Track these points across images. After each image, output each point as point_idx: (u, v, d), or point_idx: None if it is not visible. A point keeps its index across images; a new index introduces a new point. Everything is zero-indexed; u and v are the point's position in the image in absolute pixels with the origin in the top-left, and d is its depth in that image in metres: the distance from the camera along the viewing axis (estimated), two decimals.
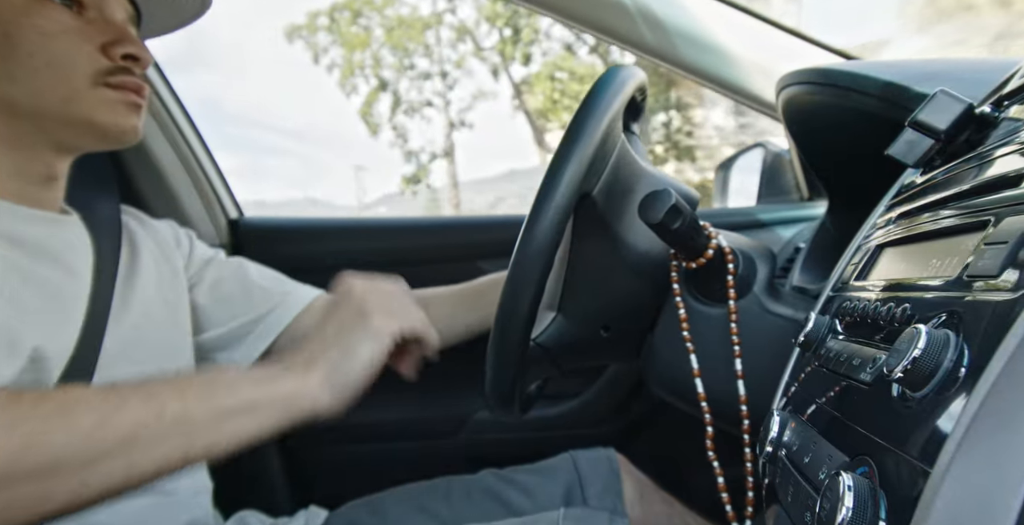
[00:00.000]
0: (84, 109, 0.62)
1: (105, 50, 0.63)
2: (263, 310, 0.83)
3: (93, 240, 0.70)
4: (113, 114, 0.64)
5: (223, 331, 0.82)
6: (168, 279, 0.78)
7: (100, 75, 0.63)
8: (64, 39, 0.61)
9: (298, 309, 0.84)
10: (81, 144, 0.67)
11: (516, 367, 0.54)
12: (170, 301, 0.77)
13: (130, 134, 0.66)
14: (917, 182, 0.46)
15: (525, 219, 0.50)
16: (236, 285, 0.85)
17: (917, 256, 0.38)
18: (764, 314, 0.60)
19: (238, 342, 0.83)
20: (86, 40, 0.62)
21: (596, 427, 1.13)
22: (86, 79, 0.62)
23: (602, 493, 0.79)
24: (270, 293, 0.85)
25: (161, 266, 0.78)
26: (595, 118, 0.53)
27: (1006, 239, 0.28)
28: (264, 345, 0.82)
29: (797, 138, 0.82)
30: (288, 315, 0.83)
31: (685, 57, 0.95)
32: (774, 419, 0.42)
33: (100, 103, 0.63)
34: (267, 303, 0.84)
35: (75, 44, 0.62)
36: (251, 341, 0.83)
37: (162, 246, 0.81)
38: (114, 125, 0.64)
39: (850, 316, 0.40)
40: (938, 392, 0.26)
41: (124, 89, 0.64)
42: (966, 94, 0.42)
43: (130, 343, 0.69)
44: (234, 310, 0.83)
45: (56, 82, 0.61)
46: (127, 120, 0.65)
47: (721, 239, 0.60)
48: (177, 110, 1.08)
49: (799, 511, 0.35)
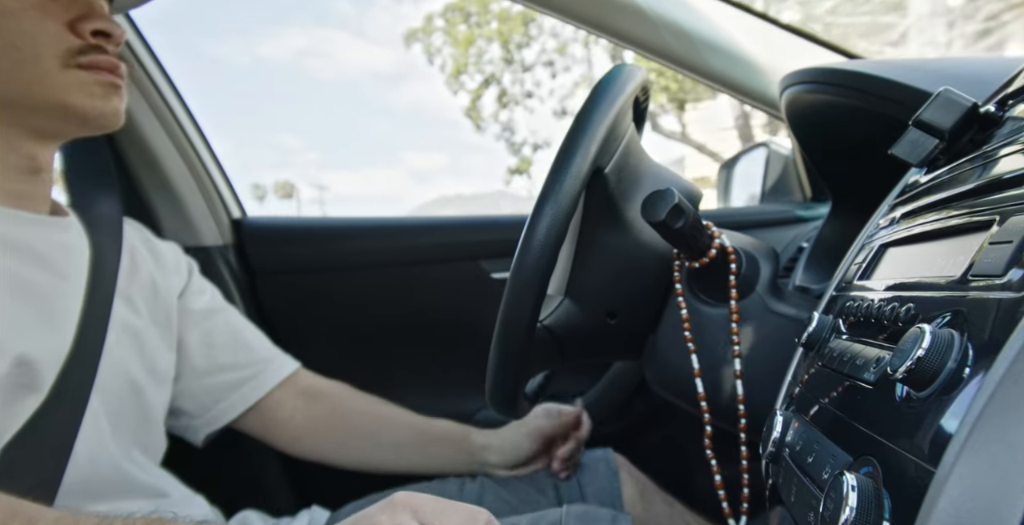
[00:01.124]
0: (56, 93, 0.58)
1: (73, 27, 0.59)
2: (244, 375, 0.81)
3: (91, 241, 0.68)
4: (88, 97, 0.59)
5: (198, 385, 0.80)
6: (163, 300, 0.76)
7: (70, 55, 0.58)
8: (27, 17, 0.56)
9: (275, 382, 0.83)
10: (60, 130, 0.62)
11: (519, 366, 0.54)
12: (160, 323, 0.75)
13: (110, 117, 0.61)
14: (921, 181, 0.46)
15: (535, 202, 0.50)
16: (226, 333, 0.82)
17: (921, 256, 0.38)
18: (767, 314, 0.60)
19: (211, 405, 0.80)
20: (51, 17, 0.58)
21: (598, 427, 1.13)
22: (55, 60, 0.57)
23: (599, 493, 0.79)
24: (254, 356, 0.83)
25: (157, 285, 0.76)
26: (610, 94, 0.53)
27: (1011, 238, 0.28)
28: (231, 417, 0.81)
29: (800, 137, 0.82)
30: (264, 386, 0.82)
31: (688, 57, 0.95)
32: (777, 419, 0.41)
33: (72, 85, 0.58)
34: (249, 367, 0.82)
35: (39, 22, 0.57)
36: (222, 408, 0.81)
37: (161, 266, 0.79)
38: (91, 108, 0.60)
39: (853, 316, 0.40)
40: (942, 392, 0.26)
41: (97, 69, 0.60)
42: (970, 93, 0.42)
43: (127, 356, 0.68)
44: (217, 360, 0.81)
45: (22, 65, 0.56)
46: (105, 103, 0.60)
47: (724, 238, 0.60)
48: (180, 108, 1.08)
49: (802, 511, 0.35)
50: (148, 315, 0.74)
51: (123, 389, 0.67)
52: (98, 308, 0.64)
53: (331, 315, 1.16)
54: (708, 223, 0.59)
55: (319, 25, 78.29)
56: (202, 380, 0.80)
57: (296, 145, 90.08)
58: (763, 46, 0.96)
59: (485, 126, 14.97)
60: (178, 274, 0.81)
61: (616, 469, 0.82)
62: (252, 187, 46.73)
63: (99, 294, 0.65)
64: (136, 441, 0.69)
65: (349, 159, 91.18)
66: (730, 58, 0.95)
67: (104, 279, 0.67)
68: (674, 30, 0.93)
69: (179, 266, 0.82)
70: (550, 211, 0.49)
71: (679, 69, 0.97)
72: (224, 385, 0.81)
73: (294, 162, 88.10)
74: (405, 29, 15.05)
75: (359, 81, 76.28)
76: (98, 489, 0.62)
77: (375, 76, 13.03)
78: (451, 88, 14.77)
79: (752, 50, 0.95)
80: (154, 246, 0.80)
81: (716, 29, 0.95)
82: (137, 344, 0.70)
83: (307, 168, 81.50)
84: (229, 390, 0.81)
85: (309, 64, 70.90)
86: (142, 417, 0.70)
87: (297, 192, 34.36)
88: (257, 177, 79.97)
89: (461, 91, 14.87)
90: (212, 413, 0.81)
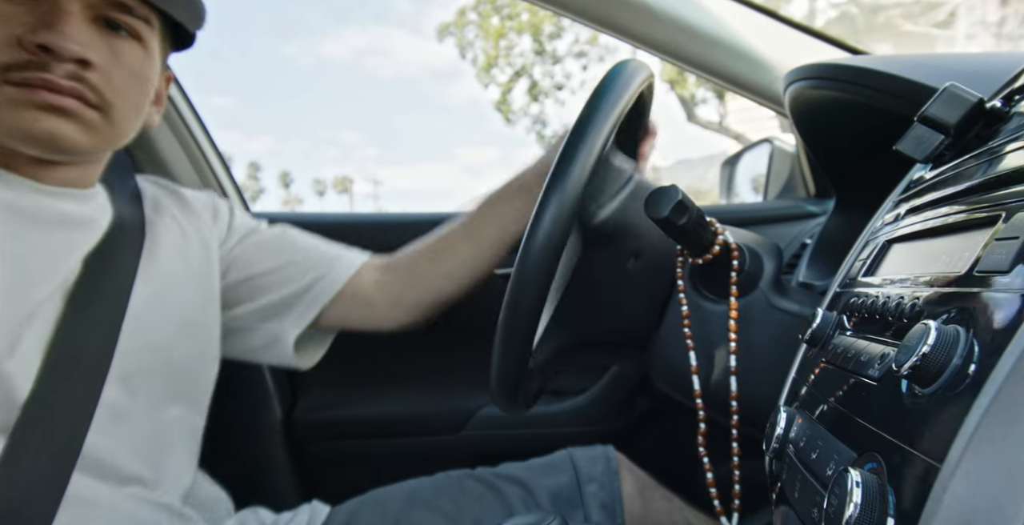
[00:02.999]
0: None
1: (20, 39, 0.54)
2: (310, 279, 0.82)
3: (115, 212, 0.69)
4: (16, 116, 0.55)
5: (266, 302, 0.81)
6: (197, 252, 0.77)
7: (5, 70, 0.54)
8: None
9: (347, 275, 0.83)
10: (14, 150, 0.58)
11: (521, 362, 0.54)
12: (197, 274, 0.76)
13: (44, 140, 0.57)
14: (926, 177, 0.46)
15: (532, 213, 0.50)
16: (279, 255, 0.83)
17: (926, 252, 0.38)
18: (771, 310, 0.59)
19: (286, 311, 0.81)
20: (6, 27, 0.54)
21: (600, 424, 1.13)
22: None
23: (599, 491, 0.79)
24: (316, 261, 0.83)
25: (190, 238, 0.77)
26: (616, 87, 0.53)
27: (1017, 234, 0.28)
28: (313, 314, 0.81)
29: (804, 133, 0.82)
30: (338, 282, 0.82)
31: (693, 53, 0.95)
32: (781, 415, 0.41)
33: (3, 104, 0.54)
34: (314, 271, 0.82)
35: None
36: (300, 310, 0.81)
37: (191, 217, 0.79)
38: (19, 130, 0.55)
39: (858, 312, 0.40)
40: (947, 388, 0.26)
41: (28, 86, 0.54)
42: (976, 89, 0.41)
43: (153, 311, 0.68)
44: (278, 281, 0.81)
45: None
46: (36, 124, 0.55)
47: (728, 235, 0.60)
48: (185, 107, 1.09)
49: (806, 507, 0.35)
50: (181, 267, 0.74)
51: (143, 351, 0.68)
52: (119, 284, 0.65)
53: None
54: (712, 219, 0.59)
55: (378, 24, 78.64)
56: (265, 299, 0.81)
57: (356, 141, 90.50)
58: (767, 42, 0.96)
59: (515, 119, 14.87)
60: (217, 221, 0.82)
61: (616, 467, 0.82)
62: (313, 182, 46.84)
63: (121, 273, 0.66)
64: (167, 395, 0.70)
65: (405, 154, 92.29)
66: (734, 54, 0.95)
67: (126, 254, 0.67)
68: (679, 26, 0.92)
69: (218, 212, 0.83)
70: (555, 202, 0.48)
71: (683, 65, 0.97)
72: (293, 295, 0.81)
73: (354, 157, 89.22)
74: (437, 24, 15.01)
75: (417, 78, 76.86)
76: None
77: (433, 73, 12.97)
78: (482, 82, 14.77)
79: (756, 46, 0.95)
80: (182, 197, 0.81)
81: (720, 25, 0.94)
82: (165, 306, 0.71)
83: (365, 164, 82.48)
84: (300, 294, 0.81)
85: (369, 62, 71.41)
86: (168, 373, 0.71)
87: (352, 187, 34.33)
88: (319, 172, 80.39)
89: (492, 84, 14.84)
90: (293, 317, 0.81)
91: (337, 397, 1.14)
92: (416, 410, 1.14)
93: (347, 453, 1.15)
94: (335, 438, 1.14)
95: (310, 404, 1.13)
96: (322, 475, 1.15)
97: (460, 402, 1.13)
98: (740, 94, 0.99)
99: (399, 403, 1.14)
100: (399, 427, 1.14)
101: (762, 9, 0.96)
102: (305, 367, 0.86)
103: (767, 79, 0.95)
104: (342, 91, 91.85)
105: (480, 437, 1.13)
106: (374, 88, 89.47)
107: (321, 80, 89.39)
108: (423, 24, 65.12)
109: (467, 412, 1.13)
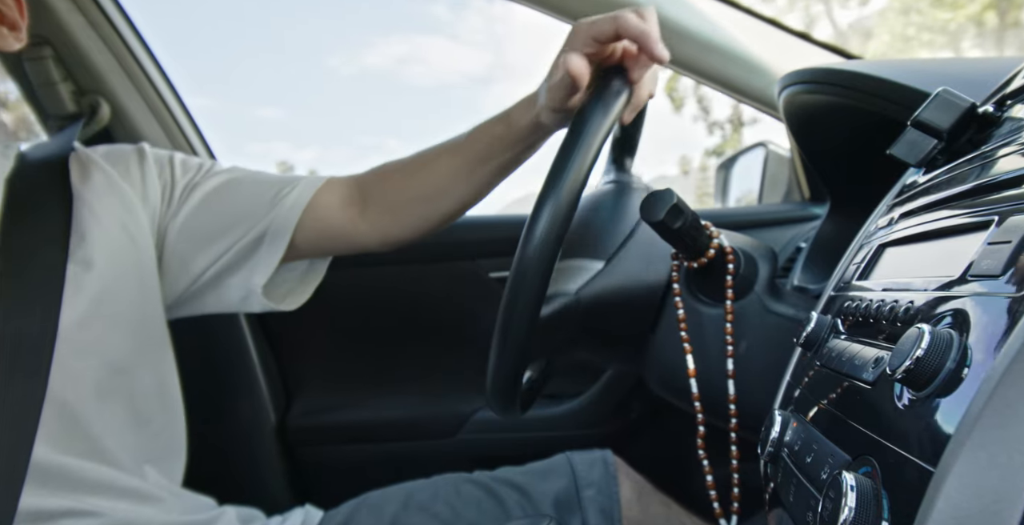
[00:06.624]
0: None
1: None
2: (262, 227, 0.77)
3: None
4: None
5: (224, 261, 0.77)
6: (135, 216, 0.73)
7: None
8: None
9: (308, 196, 0.78)
10: None
11: (519, 365, 0.54)
12: (135, 238, 0.72)
13: None
14: (919, 182, 0.46)
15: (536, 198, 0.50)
16: (229, 200, 0.78)
17: (919, 256, 0.38)
18: (765, 314, 0.60)
19: (247, 257, 0.77)
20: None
21: (597, 427, 1.13)
22: None
23: (597, 495, 0.78)
24: (267, 203, 0.77)
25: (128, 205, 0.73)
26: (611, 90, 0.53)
27: (1009, 238, 0.28)
28: (275, 260, 0.77)
29: (799, 138, 0.82)
30: (297, 208, 0.77)
31: (687, 57, 0.95)
32: (775, 419, 0.41)
33: None
34: (265, 218, 0.77)
35: None
36: (260, 259, 0.77)
37: (125, 176, 0.75)
38: None
39: (852, 316, 0.40)
40: (941, 392, 0.26)
41: None
42: (968, 94, 0.42)
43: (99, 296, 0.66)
44: (230, 226, 0.77)
45: None
46: None
47: (723, 238, 0.60)
48: (175, 104, 1.08)
49: (801, 511, 0.35)
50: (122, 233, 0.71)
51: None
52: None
53: (327, 314, 1.16)
54: (707, 223, 0.59)
55: (417, 32, 79.21)
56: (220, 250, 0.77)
57: (397, 147, 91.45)
58: (762, 46, 0.96)
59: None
60: (161, 175, 0.78)
61: (615, 471, 0.81)
62: None
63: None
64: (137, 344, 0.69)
65: None
66: (729, 58, 0.95)
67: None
68: (672, 30, 0.93)
69: (162, 166, 0.79)
70: (552, 202, 0.48)
71: (678, 69, 0.97)
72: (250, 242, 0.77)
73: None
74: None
75: (453, 84, 77.48)
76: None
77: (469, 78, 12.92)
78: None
79: (751, 50, 0.95)
80: (113, 157, 0.76)
81: (715, 29, 0.95)
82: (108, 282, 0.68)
83: None
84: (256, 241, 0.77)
85: (408, 71, 71.98)
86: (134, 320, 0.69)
87: None
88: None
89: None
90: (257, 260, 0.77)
91: (332, 401, 1.14)
92: (412, 414, 1.14)
93: (342, 457, 1.14)
94: (330, 442, 1.13)
95: (304, 408, 1.13)
96: (316, 480, 1.14)
97: (456, 405, 1.13)
98: (735, 98, 0.99)
99: (394, 407, 1.14)
100: (394, 431, 1.14)
101: (757, 14, 0.97)
102: (291, 307, 0.82)
103: (762, 83, 0.95)
104: (383, 98, 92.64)
105: (476, 441, 1.13)
106: (414, 94, 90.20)
107: (363, 88, 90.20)
108: (459, 29, 65.45)
109: (463, 415, 1.13)
